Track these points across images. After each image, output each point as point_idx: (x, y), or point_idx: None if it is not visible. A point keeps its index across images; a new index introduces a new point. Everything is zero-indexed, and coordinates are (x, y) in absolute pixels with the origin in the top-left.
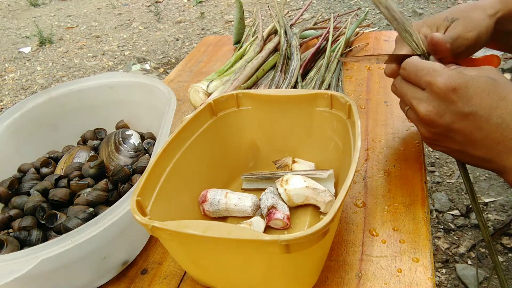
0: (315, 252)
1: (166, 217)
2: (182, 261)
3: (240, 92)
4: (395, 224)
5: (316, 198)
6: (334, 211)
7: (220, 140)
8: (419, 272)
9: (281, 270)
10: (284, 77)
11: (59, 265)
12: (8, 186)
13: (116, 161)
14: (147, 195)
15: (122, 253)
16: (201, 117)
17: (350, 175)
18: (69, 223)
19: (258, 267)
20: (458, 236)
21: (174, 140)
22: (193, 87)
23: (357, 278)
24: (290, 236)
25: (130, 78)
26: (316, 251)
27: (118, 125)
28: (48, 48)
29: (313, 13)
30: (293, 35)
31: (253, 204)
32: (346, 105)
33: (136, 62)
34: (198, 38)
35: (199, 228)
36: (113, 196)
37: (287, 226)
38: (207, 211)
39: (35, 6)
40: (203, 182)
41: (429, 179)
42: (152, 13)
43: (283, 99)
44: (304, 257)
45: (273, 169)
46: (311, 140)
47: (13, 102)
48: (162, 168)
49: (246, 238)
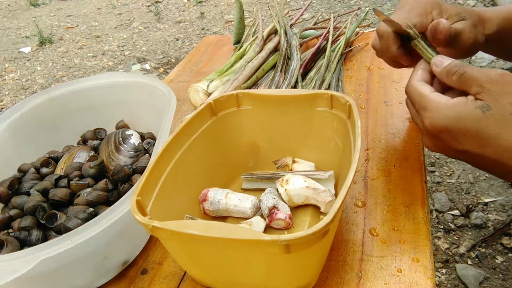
0: (315, 252)
1: (166, 217)
2: (182, 261)
3: (240, 92)
4: (395, 224)
5: (316, 198)
6: (335, 211)
7: (220, 140)
8: (419, 272)
9: (281, 270)
10: (284, 77)
11: (59, 265)
12: (8, 186)
13: (116, 161)
14: (147, 195)
15: (122, 253)
16: (201, 117)
17: (350, 176)
18: (69, 223)
19: (258, 267)
20: (458, 236)
21: (174, 140)
22: (193, 87)
23: (357, 278)
24: (290, 236)
25: (130, 78)
26: (316, 251)
27: (118, 125)
28: (48, 48)
29: (313, 13)
30: (293, 35)
31: (253, 205)
32: (346, 105)
33: (136, 62)
34: (198, 38)
35: (199, 228)
36: (113, 196)
37: (289, 226)
38: (207, 210)
39: (35, 6)
40: (203, 182)
41: (429, 179)
42: (152, 13)
43: (283, 99)
44: (304, 257)
45: (273, 169)
46: (311, 140)
47: (13, 102)
48: (162, 168)
49: (247, 238)
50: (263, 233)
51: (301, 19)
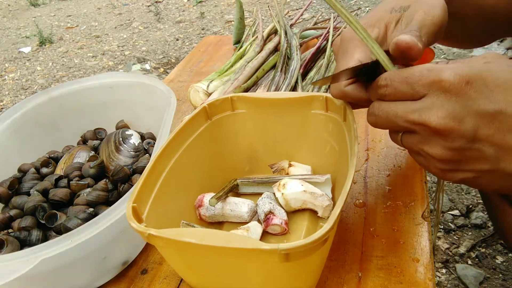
0: (314, 259)
1: (163, 223)
2: (179, 268)
3: (235, 95)
4: (395, 224)
5: (313, 203)
6: (334, 219)
7: (215, 144)
8: (419, 272)
9: (280, 278)
10: (284, 77)
11: (59, 265)
12: (8, 186)
13: (116, 161)
14: (143, 201)
15: (122, 253)
16: (196, 121)
17: (348, 182)
18: (69, 223)
19: (256, 275)
20: (458, 236)
21: (169, 144)
22: (193, 87)
23: (357, 278)
24: (289, 245)
25: (130, 78)
26: (315, 258)
27: (118, 125)
28: (48, 48)
29: (313, 13)
30: (293, 35)
31: (250, 210)
32: (342, 107)
33: (136, 62)
34: (198, 38)
35: (196, 236)
36: (113, 196)
37: (285, 232)
38: (203, 216)
39: (35, 6)
40: (199, 187)
41: (429, 179)
42: (152, 13)
43: (278, 102)
44: (303, 264)
45: (269, 173)
46: (307, 143)
47: (13, 102)
48: (157, 174)
49: (245, 247)
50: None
51: (301, 19)
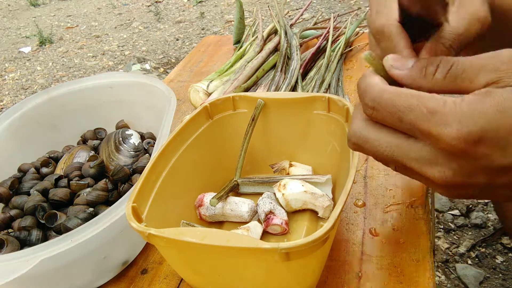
0: (314, 258)
1: (163, 223)
2: (179, 268)
3: (236, 95)
4: (395, 224)
5: (314, 203)
6: (334, 218)
7: (216, 144)
8: (419, 272)
9: (280, 277)
10: (284, 77)
11: (59, 265)
12: (8, 186)
13: (116, 161)
14: (143, 201)
15: (122, 253)
16: (197, 120)
17: (349, 182)
18: (69, 223)
19: (257, 274)
20: (458, 236)
21: (169, 144)
22: (193, 87)
23: (357, 278)
24: (290, 244)
25: (130, 78)
26: (316, 258)
27: (118, 125)
28: (48, 48)
29: (313, 13)
30: (293, 35)
31: (250, 209)
32: (344, 108)
33: (136, 62)
34: (198, 38)
35: (196, 235)
36: (113, 196)
37: (285, 232)
38: (204, 215)
39: (35, 6)
40: (200, 186)
41: None
42: (152, 13)
43: (280, 102)
44: (303, 263)
45: (270, 173)
46: (308, 143)
47: (13, 102)
48: (157, 173)
49: (245, 246)
50: (261, 240)
51: (301, 19)
